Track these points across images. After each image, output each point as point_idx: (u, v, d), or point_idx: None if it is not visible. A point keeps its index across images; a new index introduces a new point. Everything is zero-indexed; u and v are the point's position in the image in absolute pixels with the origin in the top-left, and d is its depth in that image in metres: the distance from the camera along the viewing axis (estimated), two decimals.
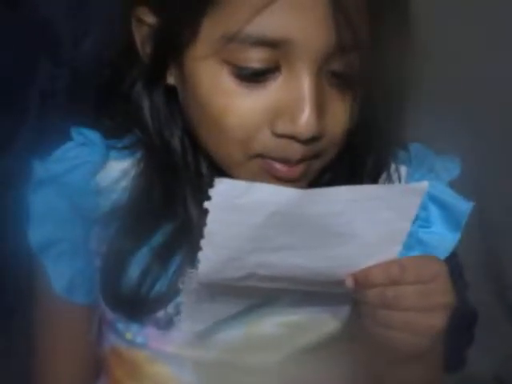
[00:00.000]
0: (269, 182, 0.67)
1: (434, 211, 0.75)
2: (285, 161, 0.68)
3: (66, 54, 0.99)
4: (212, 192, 0.60)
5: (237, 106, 0.66)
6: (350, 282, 0.64)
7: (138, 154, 0.77)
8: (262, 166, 0.69)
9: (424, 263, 0.65)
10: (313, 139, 0.67)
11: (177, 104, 0.73)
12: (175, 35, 0.68)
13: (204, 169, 0.75)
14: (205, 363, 0.75)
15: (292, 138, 0.66)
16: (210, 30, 0.66)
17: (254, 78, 0.66)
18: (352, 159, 0.75)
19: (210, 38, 0.66)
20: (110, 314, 0.77)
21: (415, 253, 0.73)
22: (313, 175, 0.71)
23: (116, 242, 0.74)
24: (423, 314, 0.64)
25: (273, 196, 0.62)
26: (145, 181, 0.75)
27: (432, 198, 0.75)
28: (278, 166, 0.69)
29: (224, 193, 0.61)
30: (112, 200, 0.75)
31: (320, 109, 0.66)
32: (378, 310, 0.64)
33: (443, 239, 0.74)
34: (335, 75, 0.67)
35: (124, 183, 0.76)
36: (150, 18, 0.70)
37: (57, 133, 0.79)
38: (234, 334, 0.75)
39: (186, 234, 0.73)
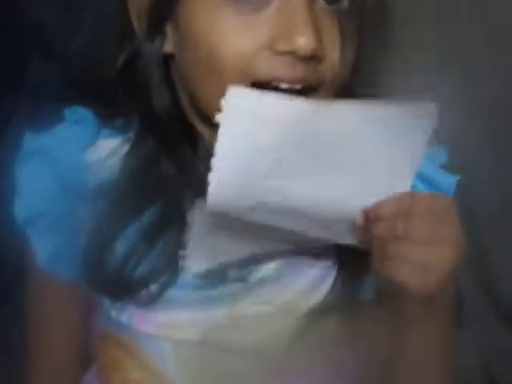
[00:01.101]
0: None
1: (421, 187, 0.76)
2: (288, 81, 0.69)
3: (58, 48, 1.00)
4: (224, 103, 0.62)
5: (235, 36, 0.68)
6: (360, 220, 0.65)
7: (130, 134, 0.77)
8: None
9: (435, 196, 0.67)
10: (313, 58, 0.68)
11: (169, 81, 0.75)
12: None
13: (200, 152, 0.75)
14: (185, 345, 0.76)
15: (293, 54, 0.68)
16: None
17: (249, 5, 0.68)
18: None
19: None
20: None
21: None
22: None
23: (102, 220, 0.75)
24: (433, 246, 0.63)
25: (285, 108, 0.62)
26: (136, 160, 0.76)
27: (418, 175, 0.75)
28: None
29: (236, 104, 0.62)
30: (100, 177, 0.76)
31: (316, 28, 0.68)
32: (389, 243, 0.64)
33: None
34: (328, 2, 0.70)
35: (112, 161, 0.76)
36: None
37: (51, 116, 0.80)
38: (217, 314, 0.75)
39: (176, 216, 0.73)
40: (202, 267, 0.72)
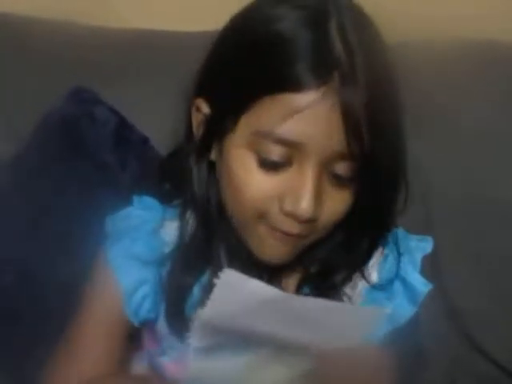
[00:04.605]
0: (269, 243, 0.88)
1: (400, 289, 0.94)
2: (285, 233, 0.86)
3: None
4: (217, 281, 0.77)
5: (255, 186, 0.85)
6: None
7: (187, 215, 0.94)
8: (266, 232, 0.87)
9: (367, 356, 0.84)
10: (309, 220, 0.85)
11: (215, 176, 0.91)
12: (221, 125, 0.87)
13: (228, 232, 0.92)
14: None
15: (293, 216, 0.84)
16: (245, 125, 0.85)
17: (271, 167, 0.84)
18: (348, 238, 0.93)
19: (244, 131, 0.85)
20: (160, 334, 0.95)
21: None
22: (301, 247, 0.90)
23: (176, 278, 0.92)
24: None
25: (262, 292, 0.78)
26: (192, 236, 0.94)
27: (400, 278, 0.94)
28: (277, 234, 0.87)
29: (226, 283, 0.77)
30: (169, 247, 0.94)
31: (318, 198, 0.84)
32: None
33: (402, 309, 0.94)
34: (336, 177, 0.85)
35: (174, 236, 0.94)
36: (205, 109, 0.89)
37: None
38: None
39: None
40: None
